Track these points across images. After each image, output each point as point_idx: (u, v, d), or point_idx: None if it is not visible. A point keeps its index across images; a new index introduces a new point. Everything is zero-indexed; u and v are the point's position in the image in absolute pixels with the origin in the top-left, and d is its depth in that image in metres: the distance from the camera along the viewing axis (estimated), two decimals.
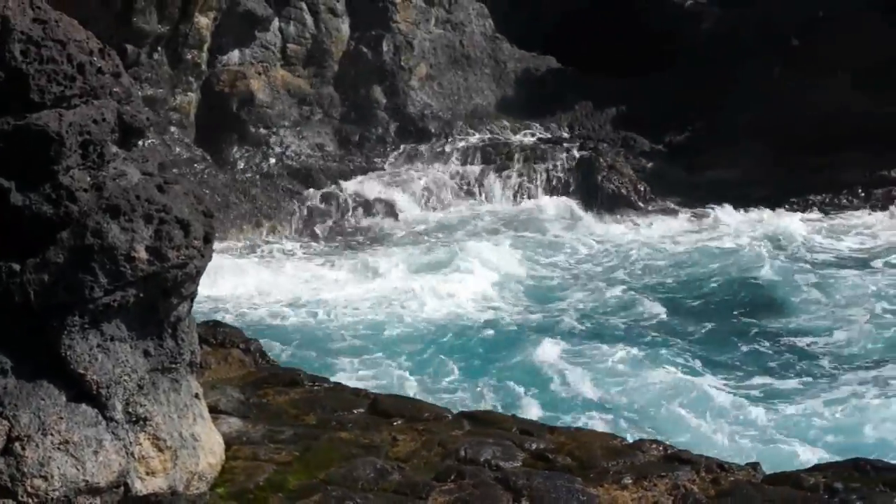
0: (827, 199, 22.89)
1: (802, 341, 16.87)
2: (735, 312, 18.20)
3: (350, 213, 22.41)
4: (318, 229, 22.01)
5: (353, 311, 18.39)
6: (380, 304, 18.54)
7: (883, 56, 23.16)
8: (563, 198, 23.02)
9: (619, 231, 22.01)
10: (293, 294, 19.02)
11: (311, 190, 22.48)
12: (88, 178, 6.09)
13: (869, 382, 15.14)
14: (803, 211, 22.72)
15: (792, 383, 15.34)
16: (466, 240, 21.42)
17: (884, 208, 22.63)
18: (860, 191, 23.00)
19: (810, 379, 15.45)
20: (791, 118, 23.02)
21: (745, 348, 16.64)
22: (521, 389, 14.75)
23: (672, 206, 22.83)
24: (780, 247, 21.26)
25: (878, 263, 20.27)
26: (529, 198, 23.17)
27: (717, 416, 14.09)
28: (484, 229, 22.12)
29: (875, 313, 17.78)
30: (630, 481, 7.15)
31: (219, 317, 15.32)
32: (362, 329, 17.60)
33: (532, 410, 13.62)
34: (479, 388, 14.92)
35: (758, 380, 15.56)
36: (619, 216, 22.62)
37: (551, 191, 23.22)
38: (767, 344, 16.77)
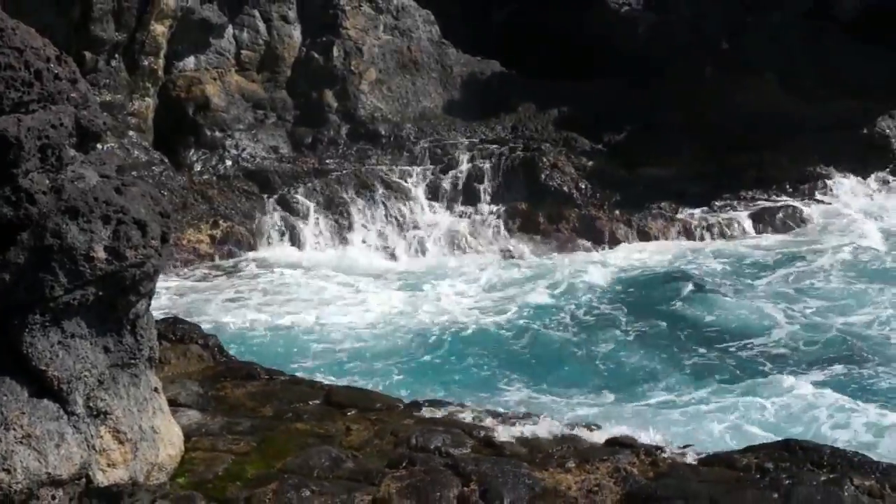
0: (756, 195, 23.08)
1: (733, 337, 16.84)
2: (668, 309, 18.22)
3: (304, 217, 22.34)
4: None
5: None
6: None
7: (807, 58, 23.43)
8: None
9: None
10: None
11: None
12: (47, 181, 6.03)
13: (800, 374, 15.24)
14: (734, 207, 22.89)
15: (726, 376, 15.33)
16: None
17: (811, 202, 22.85)
18: (788, 186, 23.22)
19: (744, 372, 15.48)
20: (722, 117, 23.20)
21: (675, 348, 16.56)
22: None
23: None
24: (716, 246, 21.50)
25: (800, 261, 20.46)
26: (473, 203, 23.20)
27: (657, 406, 14.20)
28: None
29: (802, 309, 17.86)
30: (573, 465, 7.18)
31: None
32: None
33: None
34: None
35: (692, 370, 15.63)
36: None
37: (495, 190, 23.24)
38: (696, 341, 16.74)
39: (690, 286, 19.07)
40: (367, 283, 19.88)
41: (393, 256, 21.58)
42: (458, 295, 19.04)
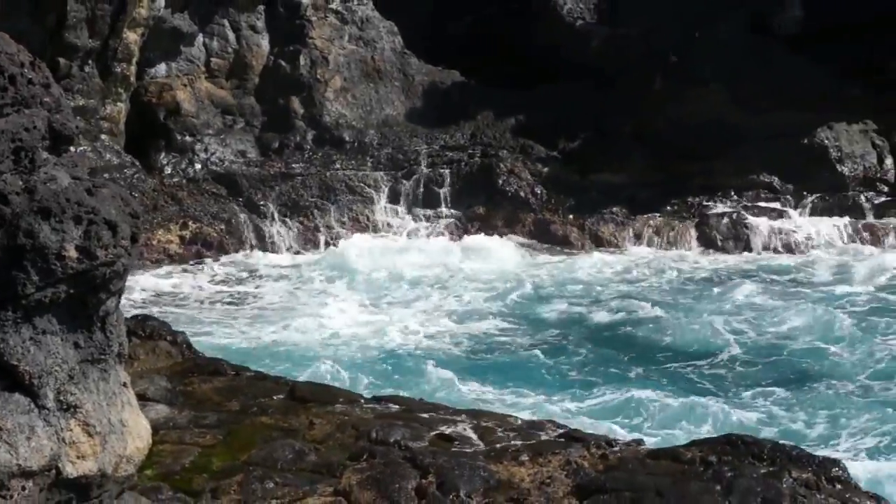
0: (703, 201, 23.22)
1: (677, 349, 16.84)
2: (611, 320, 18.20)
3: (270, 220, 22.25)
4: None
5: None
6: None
7: (751, 71, 23.61)
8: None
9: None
10: None
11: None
12: (20, 183, 5.97)
13: (743, 382, 15.31)
14: (682, 214, 22.99)
15: (671, 378, 15.41)
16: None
17: (755, 210, 22.99)
18: (733, 193, 23.38)
19: (690, 374, 15.57)
20: (671, 127, 23.36)
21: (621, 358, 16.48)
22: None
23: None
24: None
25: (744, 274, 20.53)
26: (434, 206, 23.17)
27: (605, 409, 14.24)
28: None
29: (743, 322, 17.89)
30: (527, 458, 7.20)
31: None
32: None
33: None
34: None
35: (639, 374, 15.66)
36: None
37: (455, 195, 23.26)
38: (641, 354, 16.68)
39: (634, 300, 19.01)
40: (330, 284, 19.79)
41: (354, 257, 21.51)
42: (416, 299, 18.92)
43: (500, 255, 21.64)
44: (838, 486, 6.90)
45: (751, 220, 22.62)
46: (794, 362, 15.99)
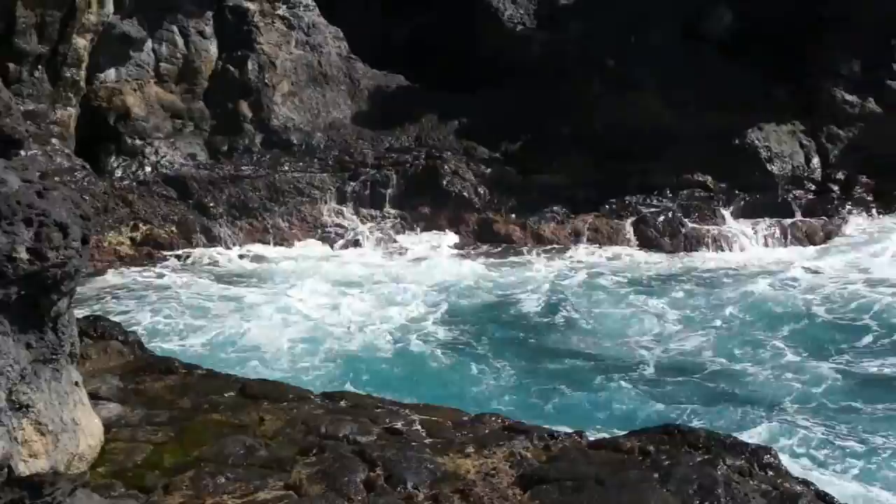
0: (639, 200, 23.39)
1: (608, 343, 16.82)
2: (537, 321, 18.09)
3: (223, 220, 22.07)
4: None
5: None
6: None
7: (684, 75, 23.83)
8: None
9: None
10: None
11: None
12: None
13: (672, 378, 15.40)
14: (619, 213, 23.14)
15: (604, 375, 15.33)
16: None
17: (689, 208, 23.18)
18: (668, 192, 23.58)
19: (622, 370, 15.52)
20: (608, 129, 23.52)
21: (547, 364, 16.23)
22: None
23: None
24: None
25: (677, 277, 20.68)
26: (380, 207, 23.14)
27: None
28: None
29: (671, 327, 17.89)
30: (473, 450, 7.20)
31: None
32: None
33: None
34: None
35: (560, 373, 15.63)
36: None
37: (400, 195, 23.23)
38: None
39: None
40: (279, 284, 19.65)
41: (303, 258, 21.40)
42: (361, 301, 18.79)
43: (439, 256, 21.59)
44: (770, 473, 6.99)
45: (684, 219, 22.81)
46: (717, 359, 16.07)
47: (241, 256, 21.43)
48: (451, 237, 22.61)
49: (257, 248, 21.76)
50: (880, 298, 18.59)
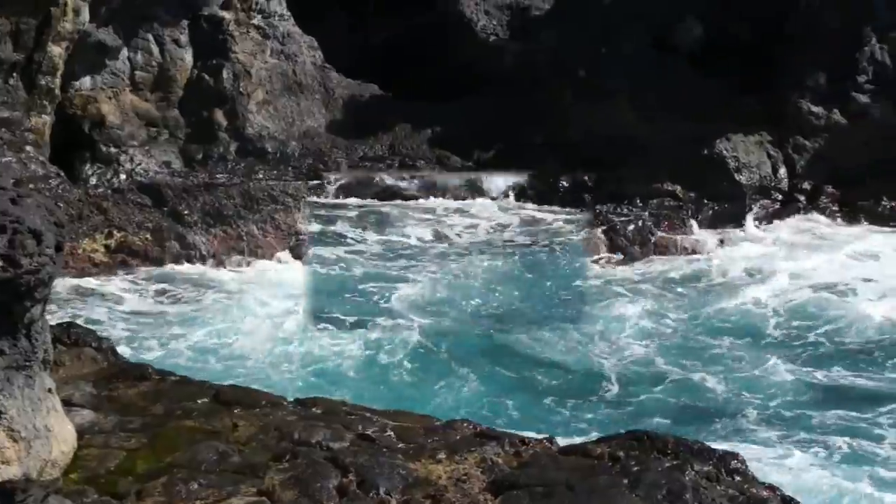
0: (611, 209, 23.45)
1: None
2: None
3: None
4: None
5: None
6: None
7: (654, 85, 23.97)
8: None
9: None
10: None
11: None
12: None
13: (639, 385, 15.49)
14: (591, 221, 23.19)
15: (567, 381, 15.54)
16: None
17: (659, 217, 23.24)
18: (639, 201, 23.66)
19: (590, 379, 15.68)
20: (580, 137, 23.60)
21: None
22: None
23: None
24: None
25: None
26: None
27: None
28: None
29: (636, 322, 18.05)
30: (444, 456, 7.21)
31: None
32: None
33: None
34: None
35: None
36: None
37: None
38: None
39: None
40: (255, 290, 19.56)
41: (279, 262, 21.29)
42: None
43: None
44: (737, 478, 7.04)
45: (654, 227, 22.88)
46: (681, 366, 16.19)
47: (214, 262, 21.24)
48: None
49: (232, 254, 21.55)
50: (832, 304, 18.93)
